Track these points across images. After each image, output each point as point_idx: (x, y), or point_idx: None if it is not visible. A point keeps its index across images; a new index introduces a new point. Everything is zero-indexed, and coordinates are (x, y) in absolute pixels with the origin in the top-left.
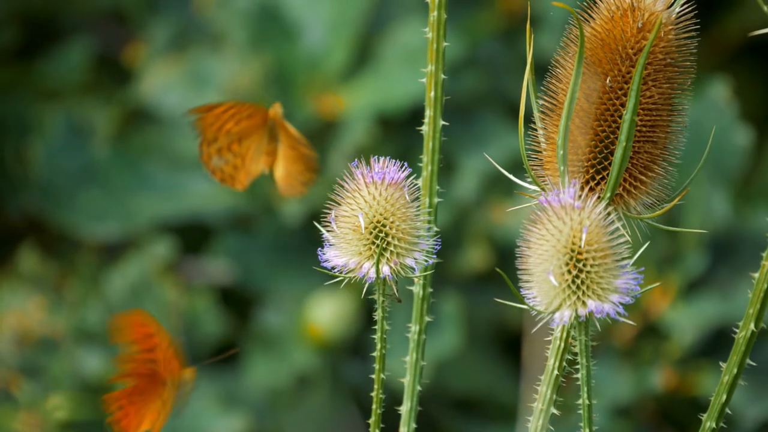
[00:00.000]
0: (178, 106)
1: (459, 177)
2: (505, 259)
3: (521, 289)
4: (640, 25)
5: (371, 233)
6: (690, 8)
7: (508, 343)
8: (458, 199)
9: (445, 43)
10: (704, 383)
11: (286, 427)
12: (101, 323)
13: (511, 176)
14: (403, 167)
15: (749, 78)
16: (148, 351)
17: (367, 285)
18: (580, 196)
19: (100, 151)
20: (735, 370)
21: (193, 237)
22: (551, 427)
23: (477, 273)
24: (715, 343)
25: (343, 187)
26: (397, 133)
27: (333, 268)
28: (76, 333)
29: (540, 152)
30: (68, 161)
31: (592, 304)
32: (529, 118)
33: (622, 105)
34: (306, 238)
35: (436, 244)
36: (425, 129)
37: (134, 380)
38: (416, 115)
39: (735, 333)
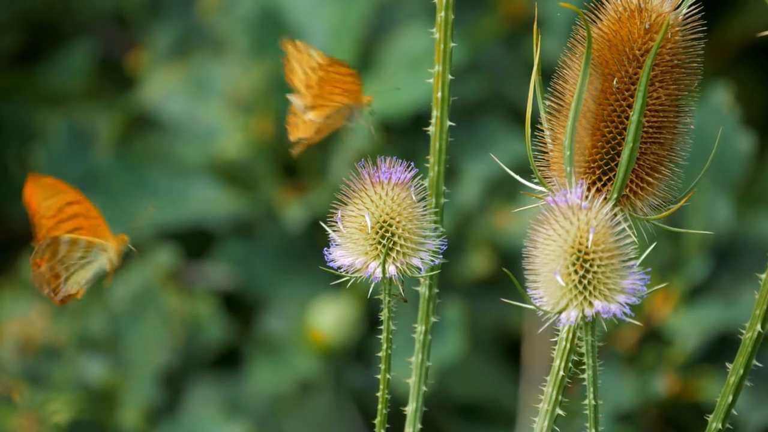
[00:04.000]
0: (181, 112)
1: (462, 182)
2: (508, 265)
3: (527, 290)
4: (647, 26)
5: (377, 233)
6: (697, 10)
7: (510, 348)
8: (461, 204)
9: (452, 44)
10: (707, 389)
11: None
12: (104, 331)
13: (517, 177)
14: (410, 167)
15: (751, 80)
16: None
17: (372, 285)
18: (587, 197)
19: (103, 157)
20: (741, 371)
21: (195, 243)
22: (556, 428)
23: (480, 279)
24: (718, 349)
25: (349, 186)
26: (399, 139)
27: (339, 268)
28: (79, 340)
29: (546, 153)
30: (70, 167)
31: (598, 304)
32: (534, 120)
33: (629, 106)
34: (308, 244)
35: (443, 245)
36: (432, 129)
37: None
38: (419, 120)
39: (740, 335)
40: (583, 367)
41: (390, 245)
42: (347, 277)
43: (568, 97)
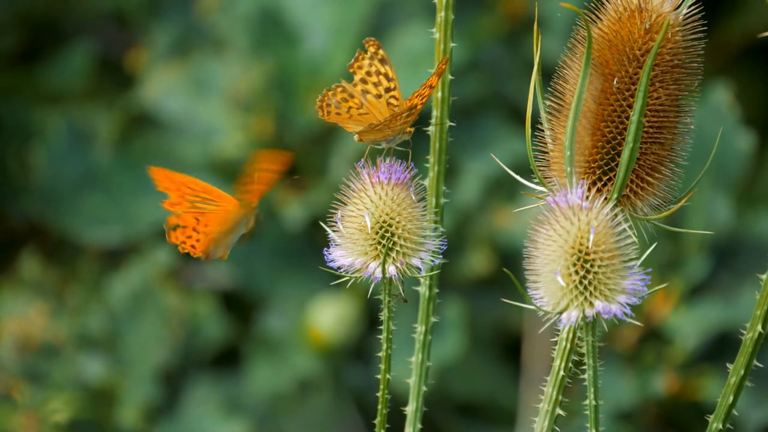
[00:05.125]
0: (180, 110)
1: (461, 181)
2: (508, 265)
3: (527, 290)
4: (647, 27)
5: (377, 233)
6: (697, 10)
7: (510, 347)
8: (460, 203)
9: (452, 44)
10: (707, 388)
11: None
12: (103, 329)
13: (518, 177)
14: (410, 168)
15: (751, 80)
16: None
17: (372, 285)
18: (587, 197)
19: (102, 156)
20: (742, 372)
21: None
22: (557, 428)
23: (479, 278)
24: (718, 348)
25: (349, 186)
26: None
27: (339, 267)
28: (78, 339)
29: (546, 153)
30: (70, 166)
31: (599, 304)
32: (534, 120)
33: (629, 106)
34: (308, 243)
35: (442, 245)
36: (432, 129)
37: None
38: (419, 120)
39: (741, 335)
40: (584, 367)
41: (390, 245)
42: (347, 277)
43: (568, 97)
